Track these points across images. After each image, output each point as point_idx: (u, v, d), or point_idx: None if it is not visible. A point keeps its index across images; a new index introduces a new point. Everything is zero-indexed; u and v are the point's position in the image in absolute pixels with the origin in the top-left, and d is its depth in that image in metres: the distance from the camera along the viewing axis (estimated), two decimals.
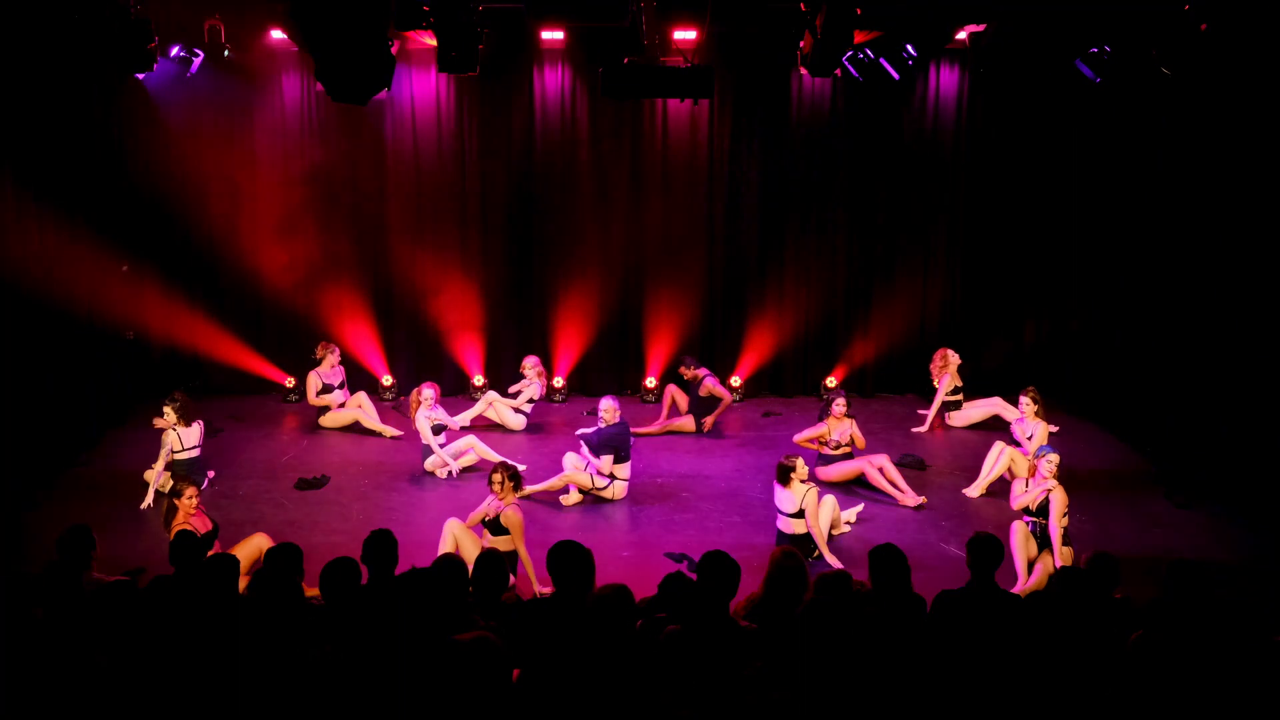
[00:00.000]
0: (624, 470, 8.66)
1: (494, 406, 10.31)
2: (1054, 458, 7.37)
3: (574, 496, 8.67)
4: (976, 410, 10.51)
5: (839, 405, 8.94)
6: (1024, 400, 9.18)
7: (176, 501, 6.85)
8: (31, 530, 7.65)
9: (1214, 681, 4.24)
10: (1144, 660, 4.38)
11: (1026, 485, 7.54)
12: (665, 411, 10.45)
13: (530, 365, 10.40)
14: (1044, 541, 7.28)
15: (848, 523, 8.09)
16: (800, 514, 7.48)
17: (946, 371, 10.56)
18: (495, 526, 6.96)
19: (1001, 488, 8.77)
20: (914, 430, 10.36)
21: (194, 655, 4.40)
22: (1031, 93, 10.68)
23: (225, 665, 4.37)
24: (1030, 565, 7.20)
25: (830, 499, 7.80)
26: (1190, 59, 7.76)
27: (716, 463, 9.59)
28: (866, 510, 8.35)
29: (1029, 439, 8.95)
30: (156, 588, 4.99)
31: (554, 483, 8.66)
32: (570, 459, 8.77)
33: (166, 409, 8.56)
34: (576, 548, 4.66)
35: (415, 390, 9.32)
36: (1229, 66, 7.71)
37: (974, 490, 8.83)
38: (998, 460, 8.80)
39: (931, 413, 10.50)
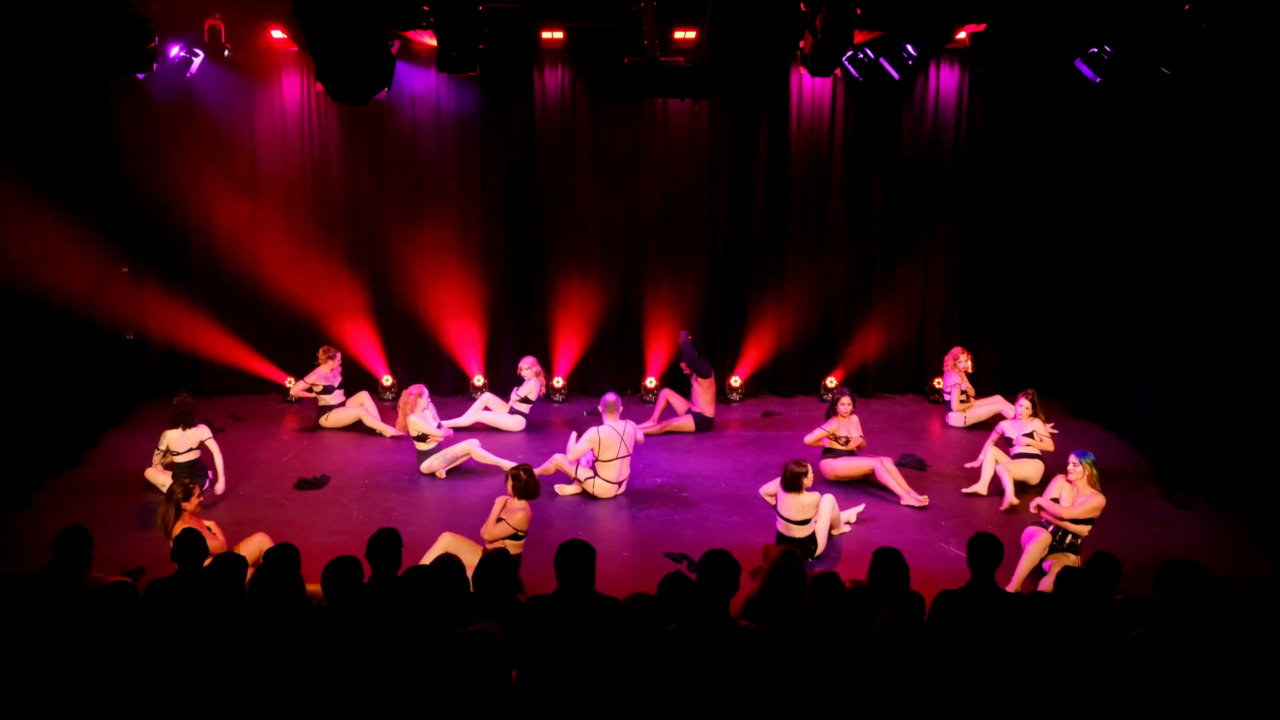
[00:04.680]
0: (610, 471, 8.67)
1: (481, 419, 10.30)
2: (1081, 464, 7.27)
3: (571, 488, 8.77)
4: (976, 411, 10.52)
5: (845, 404, 8.98)
6: (1024, 401, 9.16)
7: (185, 505, 6.83)
8: (30, 530, 7.65)
9: (1212, 683, 4.23)
10: (1143, 659, 4.38)
11: (1059, 493, 7.39)
12: (657, 413, 10.45)
13: (527, 365, 10.40)
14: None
15: (848, 523, 8.09)
16: (807, 521, 7.48)
17: (955, 371, 10.59)
18: (516, 535, 6.98)
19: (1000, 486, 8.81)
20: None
21: (197, 655, 4.40)
22: (1031, 93, 10.68)
23: (229, 663, 4.37)
24: (1035, 573, 7.18)
25: (830, 498, 7.80)
26: (1190, 59, 7.76)
27: (716, 463, 9.59)
28: (867, 510, 8.34)
29: (1026, 436, 8.96)
30: (160, 587, 4.99)
31: (545, 467, 8.82)
32: (559, 458, 8.91)
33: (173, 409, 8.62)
34: (582, 546, 4.66)
35: (405, 393, 9.30)
36: (1229, 66, 7.71)
37: (971, 490, 8.86)
38: (986, 460, 8.91)
39: (956, 413, 10.64)
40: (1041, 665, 4.49)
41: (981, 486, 8.84)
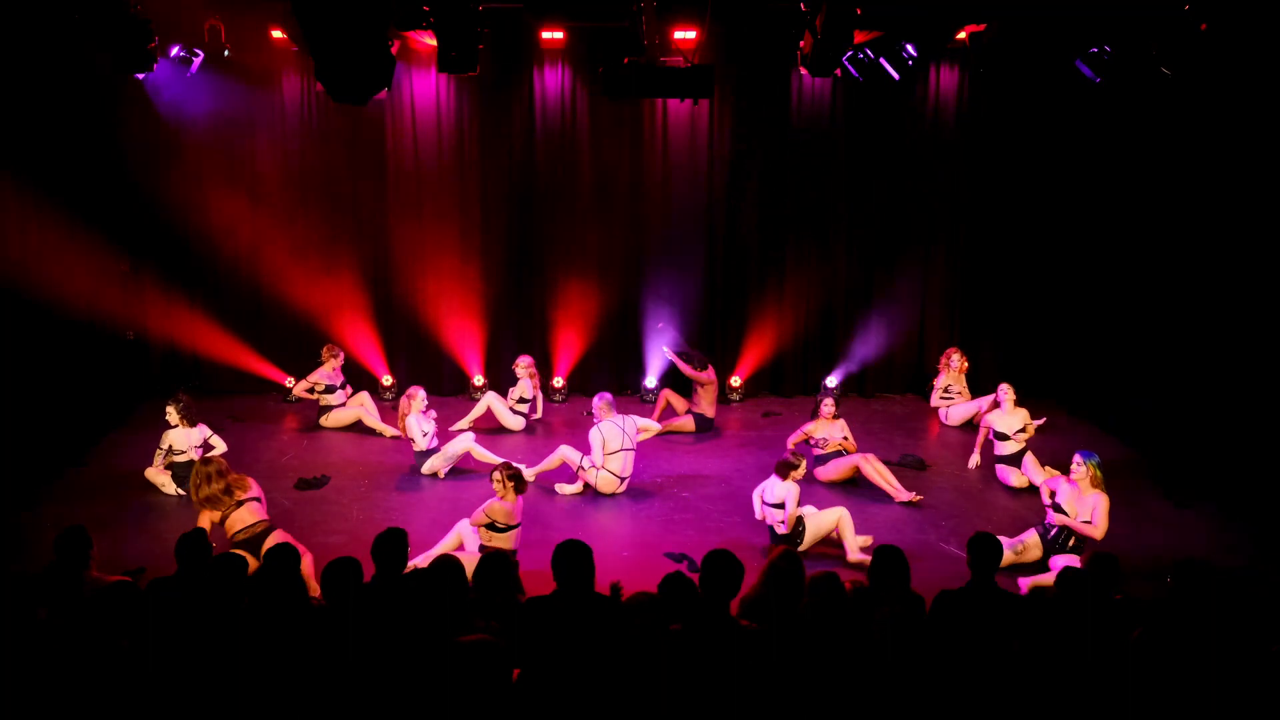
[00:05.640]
0: (615, 464, 8.67)
1: (492, 408, 10.31)
2: (1086, 464, 7.27)
3: (573, 488, 8.75)
4: (962, 409, 10.51)
5: (827, 406, 9.00)
6: (1007, 388, 9.21)
7: (230, 476, 7.09)
8: (32, 530, 7.64)
9: (1212, 683, 4.24)
10: (1144, 659, 4.38)
11: (1053, 494, 7.43)
12: (657, 413, 10.45)
13: (524, 365, 10.40)
14: (1051, 549, 7.29)
15: (863, 548, 7.65)
16: (780, 505, 7.48)
17: (945, 370, 10.63)
18: (494, 525, 6.99)
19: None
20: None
21: (197, 654, 4.41)
22: (1031, 93, 10.68)
23: (229, 663, 4.37)
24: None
25: (841, 512, 7.61)
26: (1190, 59, 7.77)
27: (716, 463, 9.59)
28: (867, 510, 8.34)
29: (1019, 432, 8.96)
30: (160, 587, 4.99)
31: (551, 461, 8.81)
32: (565, 449, 8.88)
33: (170, 408, 8.63)
34: (579, 546, 4.66)
35: (404, 396, 9.29)
36: (1229, 66, 7.72)
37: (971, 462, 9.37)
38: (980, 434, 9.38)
39: (944, 410, 10.71)
40: (1041, 665, 4.49)
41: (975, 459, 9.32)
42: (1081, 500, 7.25)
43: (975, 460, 9.37)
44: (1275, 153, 8.05)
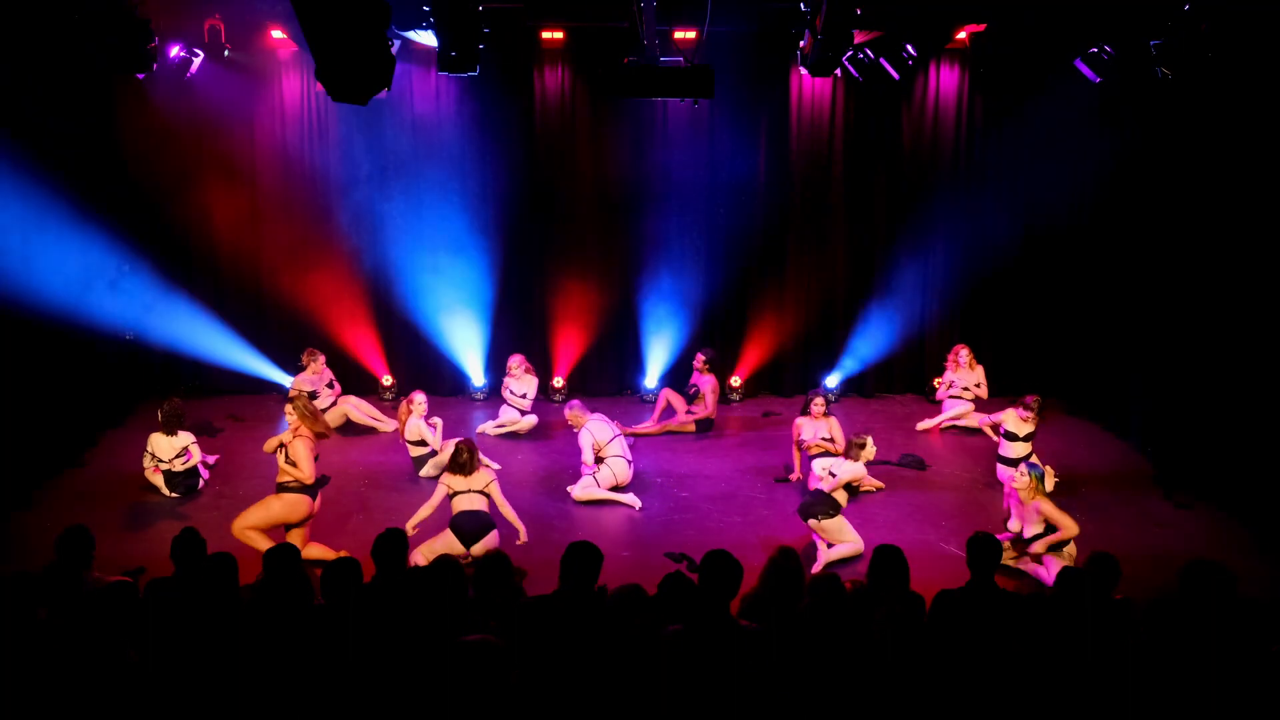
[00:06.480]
0: (618, 448, 8.69)
1: (510, 414, 10.29)
2: (1029, 475, 7.23)
3: (590, 491, 8.63)
4: (951, 408, 10.51)
5: (816, 405, 8.99)
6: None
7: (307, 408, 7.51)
8: (31, 530, 7.65)
9: (1212, 683, 4.24)
10: (1144, 659, 4.38)
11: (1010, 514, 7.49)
12: (657, 414, 10.44)
13: (517, 364, 10.36)
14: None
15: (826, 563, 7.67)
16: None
17: (949, 368, 10.58)
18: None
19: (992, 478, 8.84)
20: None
21: (197, 654, 4.41)
22: (1031, 93, 10.68)
23: (228, 664, 4.37)
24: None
25: (856, 543, 7.61)
26: (1190, 59, 7.77)
27: (716, 463, 9.59)
28: (867, 510, 8.34)
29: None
30: (159, 587, 4.99)
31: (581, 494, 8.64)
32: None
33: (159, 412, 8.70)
34: (590, 548, 4.66)
35: (405, 400, 9.27)
36: (1229, 66, 7.72)
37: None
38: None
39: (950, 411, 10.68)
40: (1041, 665, 4.49)
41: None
42: (1024, 510, 7.22)
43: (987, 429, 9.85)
44: (1275, 153, 8.04)
